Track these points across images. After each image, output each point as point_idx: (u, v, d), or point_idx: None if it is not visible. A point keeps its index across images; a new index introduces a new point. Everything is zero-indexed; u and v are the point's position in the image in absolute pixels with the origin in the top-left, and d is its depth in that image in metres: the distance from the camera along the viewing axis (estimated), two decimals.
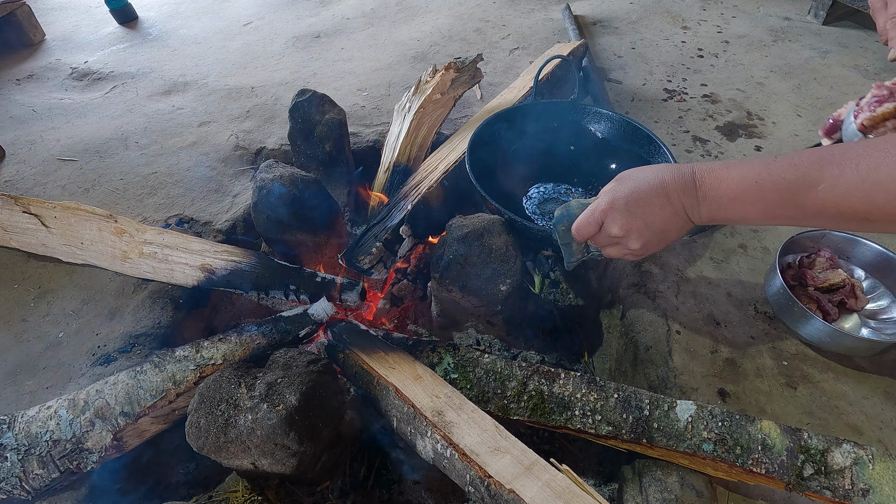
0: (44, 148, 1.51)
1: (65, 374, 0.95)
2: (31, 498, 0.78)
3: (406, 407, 0.79)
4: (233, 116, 1.64)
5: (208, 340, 0.87)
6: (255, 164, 1.46)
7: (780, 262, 0.96)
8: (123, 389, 0.80)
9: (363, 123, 1.55)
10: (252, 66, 1.96)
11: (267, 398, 0.74)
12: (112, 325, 1.02)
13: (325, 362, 0.83)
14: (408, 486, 0.91)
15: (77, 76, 1.96)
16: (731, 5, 2.14)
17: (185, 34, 2.26)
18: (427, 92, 1.30)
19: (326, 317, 0.96)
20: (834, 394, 0.86)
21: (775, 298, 0.96)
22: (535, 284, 1.22)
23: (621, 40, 1.91)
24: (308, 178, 1.07)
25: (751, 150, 1.37)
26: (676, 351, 0.92)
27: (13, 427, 0.79)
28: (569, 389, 0.80)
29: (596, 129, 1.24)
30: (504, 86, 1.56)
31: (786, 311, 0.94)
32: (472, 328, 1.11)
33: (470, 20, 2.16)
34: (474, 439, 0.73)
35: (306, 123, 1.23)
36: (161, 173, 1.40)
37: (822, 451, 0.69)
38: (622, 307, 1.05)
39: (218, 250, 1.05)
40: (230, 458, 0.75)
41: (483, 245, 0.93)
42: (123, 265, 1.07)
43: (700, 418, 0.74)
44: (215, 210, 1.29)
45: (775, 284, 0.94)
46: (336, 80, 1.81)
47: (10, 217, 1.13)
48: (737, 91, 1.59)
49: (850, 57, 1.74)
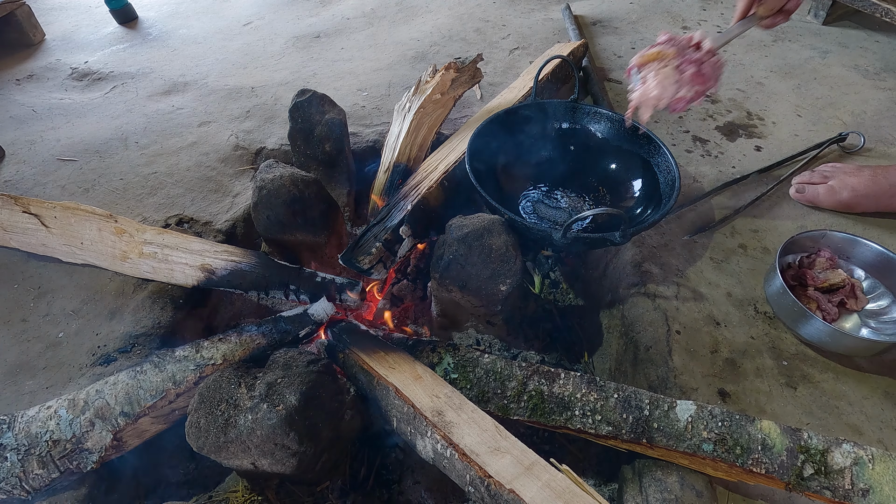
0: (44, 148, 1.51)
1: (65, 374, 0.95)
2: (31, 498, 0.78)
3: (406, 407, 0.79)
4: (233, 116, 1.64)
5: (208, 340, 0.87)
6: (255, 164, 1.46)
7: (780, 262, 0.96)
8: (123, 389, 0.80)
9: (363, 123, 1.55)
10: (252, 66, 1.96)
11: (267, 398, 0.74)
12: (112, 325, 1.02)
13: (325, 362, 0.83)
14: (408, 486, 0.91)
15: (77, 76, 1.96)
16: (731, 5, 2.14)
17: (185, 34, 2.26)
18: (427, 92, 1.30)
19: (326, 317, 0.96)
20: (834, 394, 0.86)
21: (775, 298, 0.96)
22: (535, 284, 1.22)
23: (621, 40, 1.91)
24: (308, 178, 1.07)
25: (751, 149, 1.37)
26: (676, 351, 0.92)
27: (13, 427, 0.79)
28: (569, 389, 0.80)
29: (596, 129, 1.25)
30: (504, 86, 1.56)
31: (786, 311, 0.94)
32: (472, 328, 1.11)
33: (470, 20, 2.16)
34: (474, 439, 0.73)
35: (306, 123, 1.22)
36: (161, 173, 1.40)
37: (822, 451, 0.69)
38: (622, 307, 1.05)
39: (218, 250, 1.05)
40: (230, 458, 0.75)
41: (483, 245, 0.93)
42: (123, 265, 1.07)
43: (700, 418, 0.74)
44: (215, 210, 1.29)
45: (775, 284, 0.94)
46: (336, 80, 1.81)
47: (10, 217, 1.13)
48: (737, 91, 1.59)
49: (850, 57, 1.74)
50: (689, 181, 1.27)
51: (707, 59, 0.89)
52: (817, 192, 1.16)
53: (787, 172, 1.26)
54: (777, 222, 1.16)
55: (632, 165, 1.19)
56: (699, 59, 0.89)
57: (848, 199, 1.12)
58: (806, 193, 1.17)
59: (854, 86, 1.60)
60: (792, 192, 1.20)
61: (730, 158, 1.35)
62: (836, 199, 1.13)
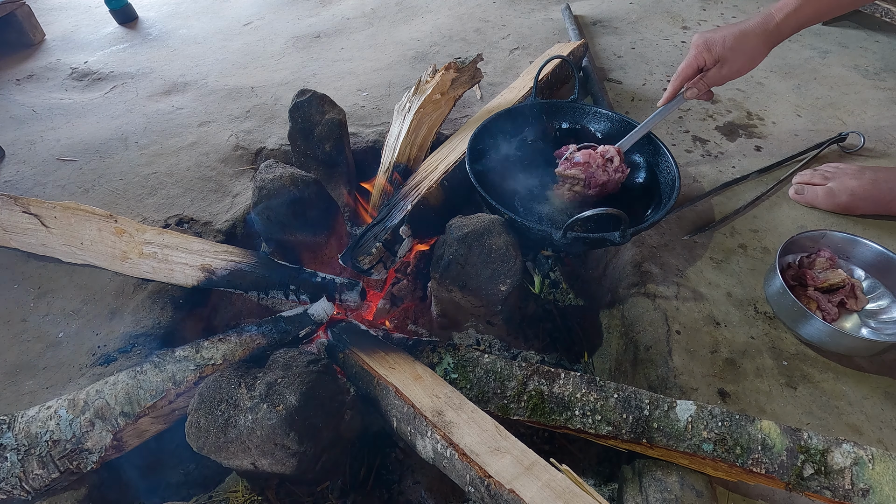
0: (44, 148, 1.51)
1: (65, 374, 0.95)
2: (31, 498, 0.78)
3: (406, 407, 0.79)
4: (233, 116, 1.64)
5: (208, 340, 0.87)
6: (255, 164, 1.46)
7: (780, 262, 0.96)
8: (123, 389, 0.80)
9: (363, 123, 1.55)
10: (252, 66, 1.96)
11: (267, 398, 0.74)
12: (112, 325, 1.02)
13: (325, 362, 0.83)
14: (408, 486, 0.91)
15: (77, 76, 1.96)
16: (731, 5, 2.14)
17: (185, 34, 2.26)
18: (427, 92, 1.30)
19: (326, 317, 0.96)
20: (834, 394, 0.86)
21: (775, 298, 0.96)
22: (535, 284, 1.22)
23: (621, 40, 1.91)
24: (308, 178, 1.07)
25: (751, 149, 1.37)
26: (676, 351, 0.92)
27: (13, 427, 0.79)
28: (569, 389, 0.80)
29: (596, 129, 1.25)
30: (504, 86, 1.56)
31: (786, 312, 0.94)
32: (472, 328, 1.11)
33: (470, 20, 2.16)
34: (474, 439, 0.73)
35: (306, 123, 1.23)
36: (161, 173, 1.40)
37: (822, 451, 0.69)
38: (622, 307, 1.05)
39: (218, 250, 1.05)
40: (230, 458, 0.75)
41: (483, 245, 0.93)
42: (123, 265, 1.07)
43: (700, 418, 0.74)
44: (215, 210, 1.29)
45: (775, 284, 0.94)
46: (336, 80, 1.81)
47: (10, 217, 1.13)
48: (736, 91, 1.59)
49: (849, 57, 1.74)
50: (689, 181, 1.27)
51: (611, 169, 1.10)
52: (816, 193, 1.16)
53: (787, 172, 1.26)
54: (777, 222, 1.16)
55: (632, 165, 1.19)
56: (602, 178, 1.09)
57: (847, 203, 1.12)
58: (805, 195, 1.17)
59: (854, 86, 1.60)
60: (791, 193, 1.20)
61: (730, 158, 1.35)
62: (834, 202, 1.13)
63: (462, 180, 1.11)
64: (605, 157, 1.10)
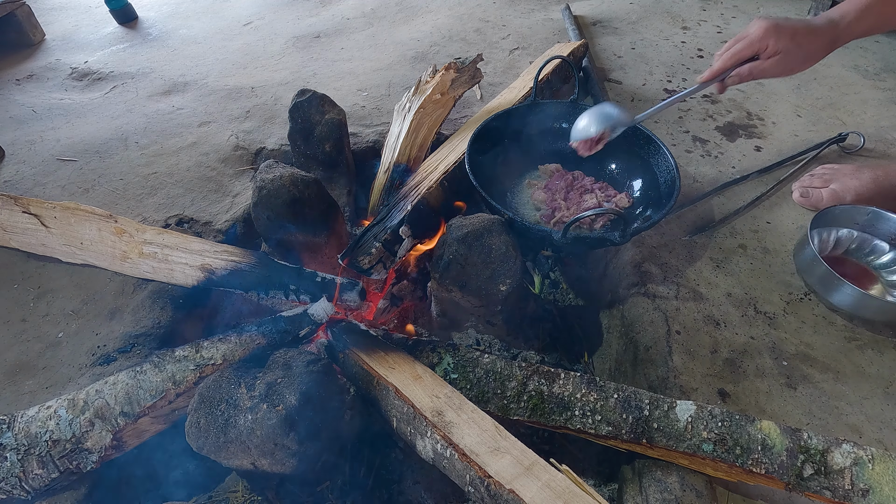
0: (44, 148, 1.51)
1: (65, 374, 0.95)
2: (31, 498, 0.78)
3: (406, 407, 0.79)
4: (233, 116, 1.64)
5: (208, 340, 0.87)
6: (255, 164, 1.46)
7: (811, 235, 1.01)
8: (123, 389, 0.80)
9: (363, 123, 1.55)
10: (252, 66, 1.96)
11: (267, 398, 0.74)
12: (112, 325, 1.02)
13: (325, 362, 0.82)
14: (408, 486, 0.91)
15: (77, 76, 1.96)
16: (731, 5, 2.14)
17: (185, 34, 2.26)
18: (427, 92, 1.30)
19: (326, 317, 0.96)
20: (834, 394, 0.86)
21: (806, 267, 1.01)
22: (535, 284, 1.22)
23: (621, 40, 1.91)
24: (308, 178, 1.07)
25: (751, 150, 1.37)
26: (676, 351, 0.92)
27: (13, 427, 0.78)
28: (569, 389, 0.80)
29: None
30: (504, 86, 1.56)
31: (817, 278, 0.98)
32: (472, 328, 1.11)
33: (470, 20, 2.16)
34: (474, 439, 0.73)
35: (306, 123, 1.22)
36: (161, 173, 1.40)
37: (821, 451, 0.69)
38: (622, 307, 1.05)
39: (218, 250, 1.05)
40: (230, 458, 0.75)
41: (483, 245, 0.93)
42: (123, 265, 1.07)
43: (700, 418, 0.74)
44: (215, 210, 1.29)
45: (807, 254, 0.99)
46: (336, 80, 1.81)
47: (10, 217, 1.13)
48: (736, 91, 1.59)
49: (849, 57, 1.74)
50: (689, 181, 1.27)
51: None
52: (821, 196, 1.16)
53: (787, 173, 1.26)
54: (777, 223, 1.16)
55: (632, 165, 1.19)
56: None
57: (852, 203, 1.13)
58: (811, 198, 1.17)
59: (854, 86, 1.60)
60: (795, 197, 1.20)
61: (730, 158, 1.35)
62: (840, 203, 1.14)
63: (462, 180, 1.11)
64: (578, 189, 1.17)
